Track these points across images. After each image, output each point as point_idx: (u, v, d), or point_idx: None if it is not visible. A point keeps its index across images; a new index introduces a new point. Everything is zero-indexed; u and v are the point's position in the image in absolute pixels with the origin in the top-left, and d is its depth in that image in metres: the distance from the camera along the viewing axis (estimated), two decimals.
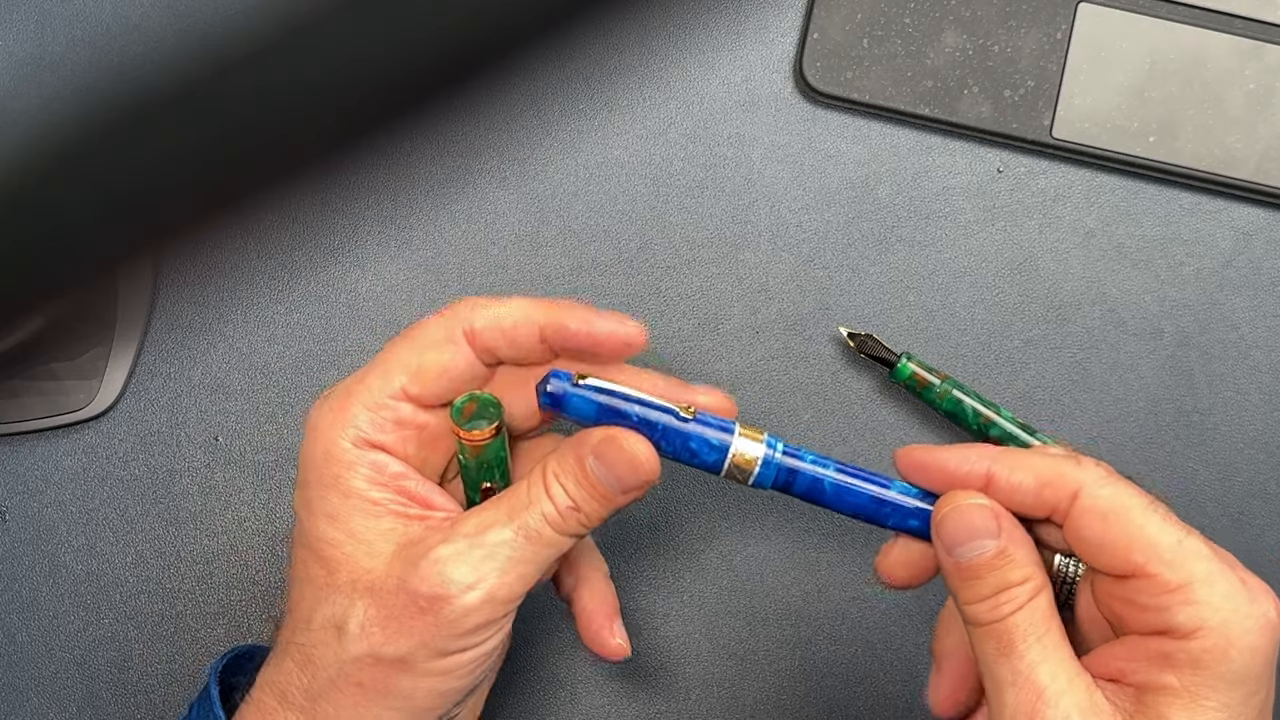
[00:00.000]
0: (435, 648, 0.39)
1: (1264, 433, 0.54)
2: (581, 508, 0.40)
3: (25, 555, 0.53)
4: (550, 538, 0.40)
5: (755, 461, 0.40)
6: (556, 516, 0.40)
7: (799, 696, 0.53)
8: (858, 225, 0.54)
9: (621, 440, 0.40)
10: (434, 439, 0.43)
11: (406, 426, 0.42)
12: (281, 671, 0.41)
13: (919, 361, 0.52)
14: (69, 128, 0.19)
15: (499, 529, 0.40)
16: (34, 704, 0.52)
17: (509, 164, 0.55)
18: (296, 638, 0.41)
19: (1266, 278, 0.54)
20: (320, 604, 0.40)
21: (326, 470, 0.41)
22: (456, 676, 0.40)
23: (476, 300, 0.42)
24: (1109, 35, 0.54)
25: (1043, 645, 0.37)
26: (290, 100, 0.18)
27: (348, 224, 0.55)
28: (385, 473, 0.41)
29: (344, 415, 0.41)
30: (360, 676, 0.40)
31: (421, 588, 0.39)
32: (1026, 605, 0.38)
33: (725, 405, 0.42)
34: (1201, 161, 0.54)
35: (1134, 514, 0.37)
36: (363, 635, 0.39)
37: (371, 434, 0.41)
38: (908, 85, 0.54)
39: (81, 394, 0.53)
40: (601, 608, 0.46)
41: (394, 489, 0.41)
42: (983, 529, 0.38)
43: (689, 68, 0.55)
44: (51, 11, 0.55)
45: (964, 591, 0.38)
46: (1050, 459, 0.39)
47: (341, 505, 0.41)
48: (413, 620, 0.39)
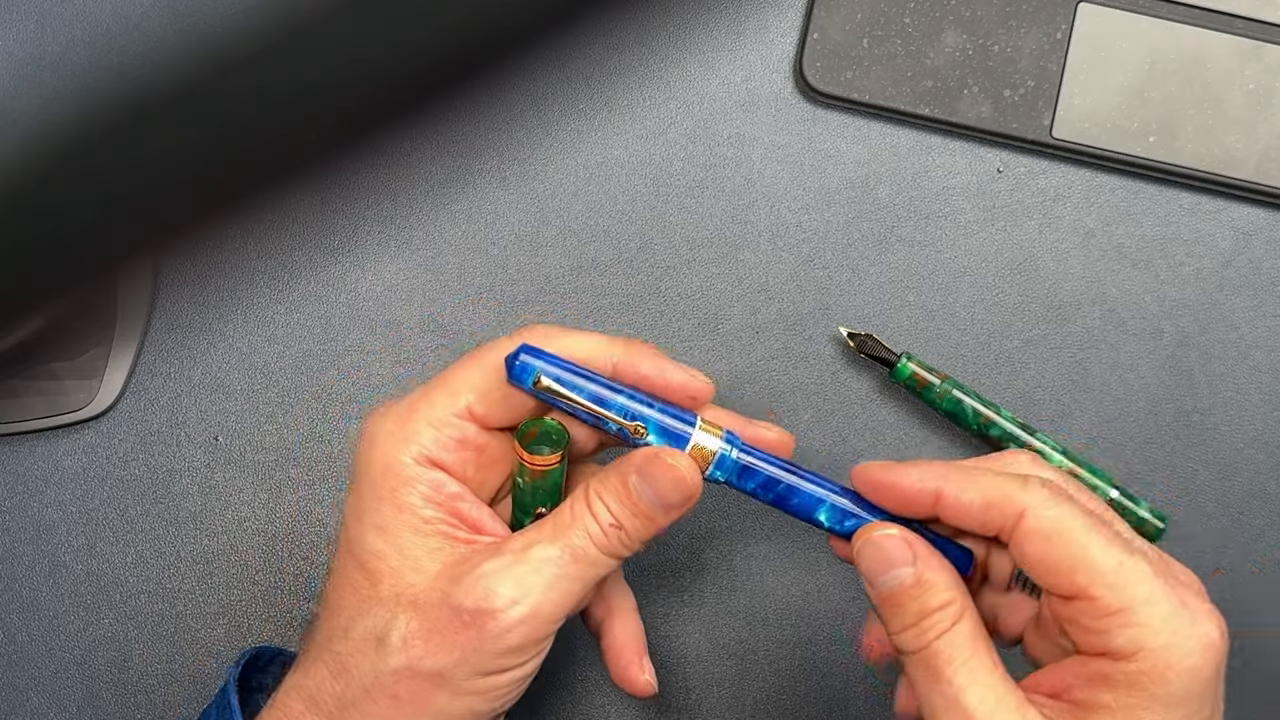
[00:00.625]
0: (476, 666, 0.39)
1: (1264, 433, 0.54)
2: (625, 525, 0.40)
3: (25, 555, 0.53)
4: (595, 557, 0.40)
5: (712, 455, 0.41)
6: (600, 535, 0.40)
7: (799, 696, 0.53)
8: (858, 225, 0.54)
9: (665, 458, 0.40)
10: (492, 462, 0.42)
11: (468, 447, 0.42)
12: (312, 677, 0.41)
13: (919, 361, 0.52)
14: (69, 128, 0.19)
15: (544, 546, 0.40)
16: (34, 704, 0.52)
17: (509, 164, 0.55)
18: (333, 645, 0.41)
19: (1266, 278, 0.54)
20: (361, 615, 0.40)
21: (383, 483, 0.41)
22: (492, 698, 0.40)
23: (550, 329, 0.42)
24: (1109, 35, 0.54)
25: (969, 668, 0.37)
26: (290, 100, 0.18)
27: (348, 224, 0.55)
28: (442, 492, 0.41)
29: (407, 429, 0.41)
30: (397, 689, 0.39)
31: (466, 602, 0.39)
32: (949, 631, 0.38)
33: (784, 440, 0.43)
34: (1201, 161, 0.54)
35: (1077, 535, 0.37)
36: (404, 648, 0.39)
37: (434, 452, 0.41)
38: (908, 85, 0.54)
39: (81, 394, 0.53)
40: (631, 643, 0.46)
41: (448, 509, 0.41)
42: (898, 558, 0.39)
43: (689, 68, 0.55)
44: (51, 11, 0.55)
45: (890, 621, 0.39)
46: (998, 479, 0.39)
47: (394, 519, 0.41)
48: (456, 635, 0.39)
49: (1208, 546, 0.53)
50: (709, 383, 0.42)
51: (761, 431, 0.43)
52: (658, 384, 0.41)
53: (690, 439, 0.41)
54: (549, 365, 0.40)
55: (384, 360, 0.54)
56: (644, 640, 0.46)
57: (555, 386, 0.40)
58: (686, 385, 0.42)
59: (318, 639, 0.41)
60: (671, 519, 0.41)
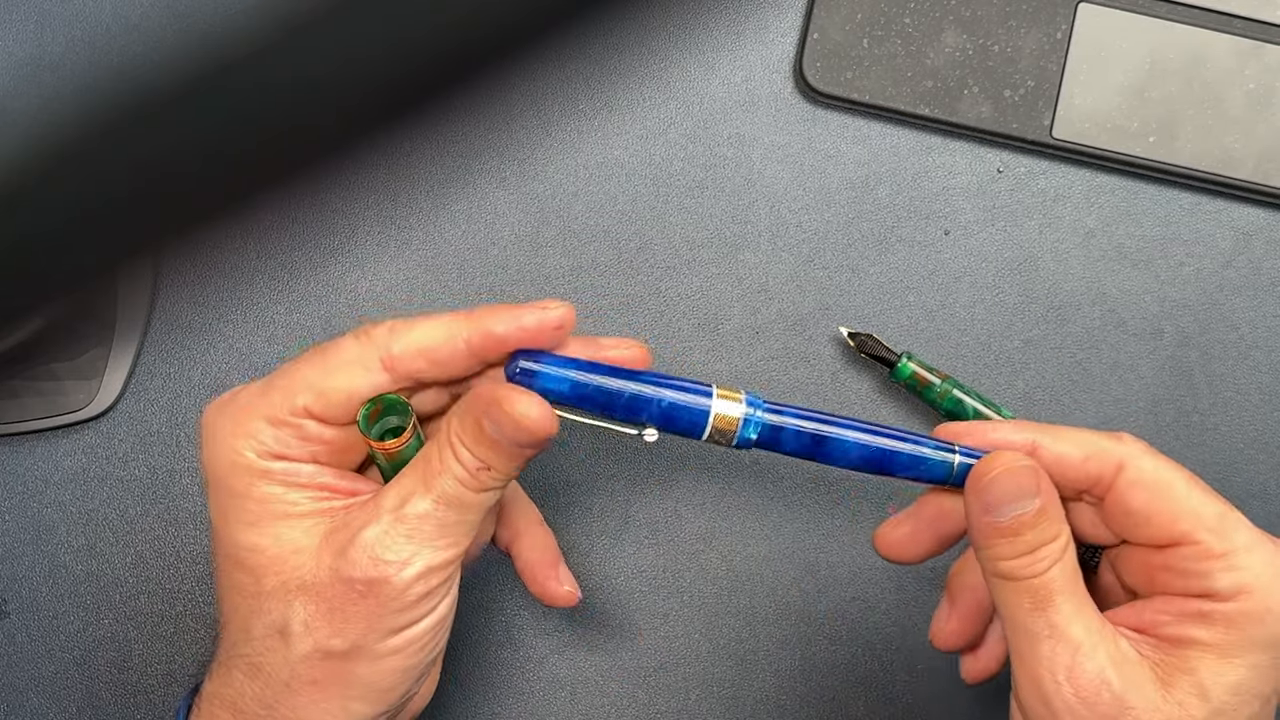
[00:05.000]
0: (383, 628, 0.39)
1: (1264, 433, 0.54)
2: (491, 465, 0.40)
3: (25, 555, 0.53)
4: (469, 499, 0.40)
5: (737, 422, 0.40)
6: (468, 477, 0.40)
7: (799, 696, 0.53)
8: (858, 225, 0.54)
9: (503, 403, 0.39)
10: (344, 449, 0.41)
11: (312, 441, 0.41)
12: (230, 684, 0.40)
13: (919, 361, 0.52)
14: (69, 128, 0.19)
15: (418, 500, 0.39)
16: (34, 704, 0.52)
17: (509, 164, 0.55)
18: (239, 650, 0.40)
19: (1266, 278, 0.54)
20: (255, 613, 0.40)
21: (236, 480, 0.40)
22: (413, 651, 0.40)
23: (395, 324, 0.41)
24: (1109, 35, 0.54)
25: (1074, 600, 0.39)
26: (290, 100, 0.18)
27: (348, 224, 0.55)
28: (300, 476, 0.40)
29: (245, 427, 0.40)
30: (313, 674, 0.39)
31: (356, 573, 0.39)
32: (1060, 560, 0.39)
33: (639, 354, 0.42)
34: (1201, 161, 0.54)
35: (1178, 488, 0.40)
36: (307, 633, 0.39)
37: (277, 449, 0.40)
38: (908, 85, 0.54)
39: (81, 394, 0.53)
40: (544, 557, 0.46)
41: (314, 487, 0.40)
42: (1030, 488, 0.40)
43: (689, 68, 0.55)
44: (51, 11, 0.55)
45: (1000, 548, 0.39)
46: (1091, 434, 0.41)
47: (259, 511, 0.40)
48: (354, 607, 0.39)
49: None
50: (565, 305, 0.40)
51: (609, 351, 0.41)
52: (518, 337, 0.40)
53: (710, 411, 0.40)
54: (551, 368, 0.40)
55: None
56: (556, 551, 0.46)
57: (564, 415, 0.40)
58: (544, 321, 0.40)
59: (224, 645, 0.41)
60: (538, 451, 0.40)
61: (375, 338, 0.40)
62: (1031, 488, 0.39)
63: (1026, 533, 0.39)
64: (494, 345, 0.40)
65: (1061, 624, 0.38)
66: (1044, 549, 0.39)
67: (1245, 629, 0.38)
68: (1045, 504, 0.39)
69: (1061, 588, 0.39)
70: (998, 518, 0.39)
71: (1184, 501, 0.39)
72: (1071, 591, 0.39)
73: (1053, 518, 0.39)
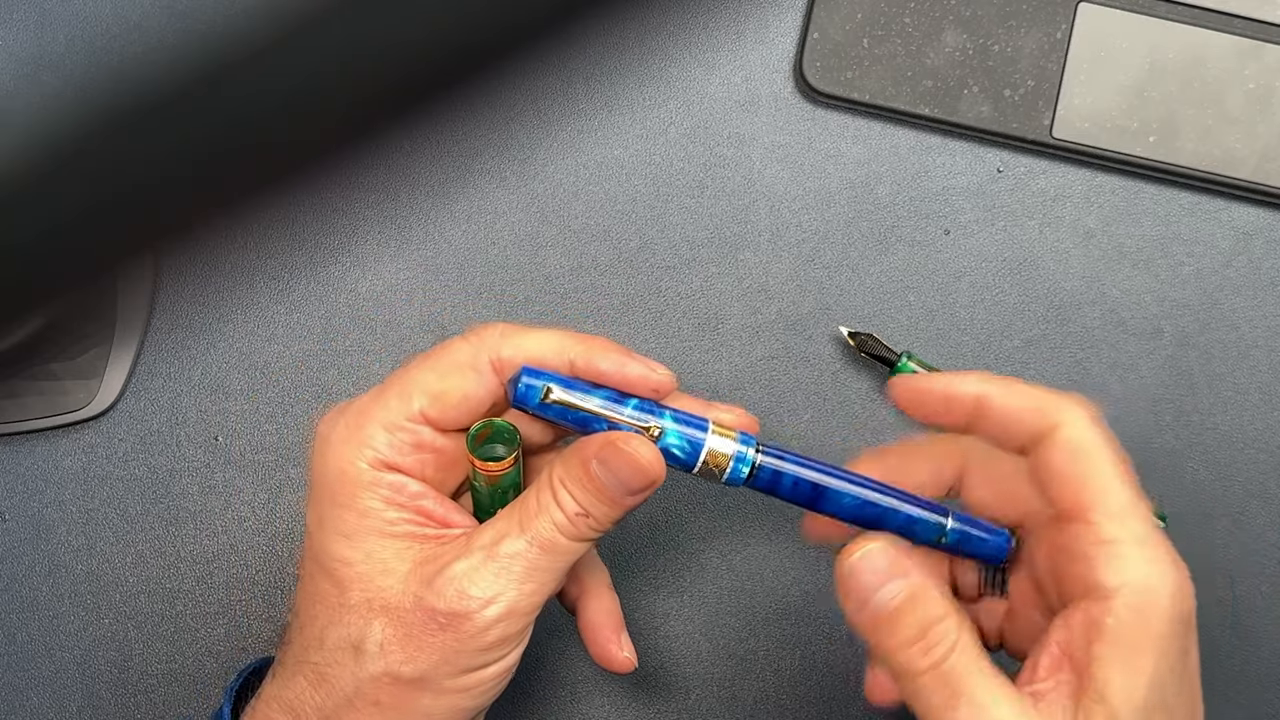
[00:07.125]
0: (456, 665, 0.39)
1: (1264, 433, 0.54)
2: (591, 513, 0.40)
3: (25, 555, 0.53)
4: (563, 545, 0.40)
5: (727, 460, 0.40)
6: (567, 523, 0.40)
7: (799, 696, 0.53)
8: (858, 225, 0.54)
9: (622, 444, 0.39)
10: (452, 462, 0.42)
11: (425, 450, 0.41)
12: (291, 689, 0.40)
13: (919, 361, 0.52)
14: (69, 128, 0.19)
15: (512, 540, 0.40)
16: (34, 704, 0.52)
17: (509, 164, 0.55)
18: (309, 657, 0.40)
19: (1266, 278, 0.54)
20: (333, 624, 0.40)
21: (341, 489, 0.40)
22: (476, 694, 0.40)
23: (506, 327, 0.41)
24: (1109, 35, 0.54)
25: (984, 679, 0.37)
26: (290, 100, 0.18)
27: (348, 224, 0.55)
28: (404, 493, 0.40)
29: (360, 434, 0.40)
30: (378, 695, 0.39)
31: (439, 605, 0.39)
32: (958, 644, 0.37)
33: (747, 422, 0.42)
34: (1201, 161, 0.54)
35: (1099, 461, 0.39)
36: (381, 654, 0.39)
37: (389, 456, 0.40)
38: (908, 85, 0.54)
39: (81, 394, 0.53)
40: (608, 621, 0.45)
41: (412, 509, 0.41)
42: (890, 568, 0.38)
43: (689, 68, 0.55)
44: (51, 11, 0.55)
45: (885, 641, 0.38)
46: (1043, 391, 0.40)
47: (357, 524, 0.40)
48: (432, 638, 0.39)
49: (1207, 547, 0.53)
50: (669, 375, 0.41)
51: (721, 414, 0.41)
52: (616, 380, 0.40)
53: (704, 445, 0.40)
54: (555, 385, 0.40)
55: (384, 360, 0.54)
56: (620, 616, 0.46)
57: (567, 398, 0.40)
58: (645, 379, 0.40)
59: (293, 649, 0.41)
60: (639, 501, 0.40)
61: (486, 339, 0.41)
62: (891, 568, 0.38)
63: (905, 616, 0.37)
64: (595, 376, 0.40)
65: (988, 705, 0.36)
66: (934, 631, 0.37)
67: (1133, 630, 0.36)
68: (914, 584, 0.38)
69: (969, 671, 0.36)
70: (875, 608, 0.38)
71: (1098, 476, 0.38)
72: (979, 671, 0.37)
73: (930, 597, 0.37)
